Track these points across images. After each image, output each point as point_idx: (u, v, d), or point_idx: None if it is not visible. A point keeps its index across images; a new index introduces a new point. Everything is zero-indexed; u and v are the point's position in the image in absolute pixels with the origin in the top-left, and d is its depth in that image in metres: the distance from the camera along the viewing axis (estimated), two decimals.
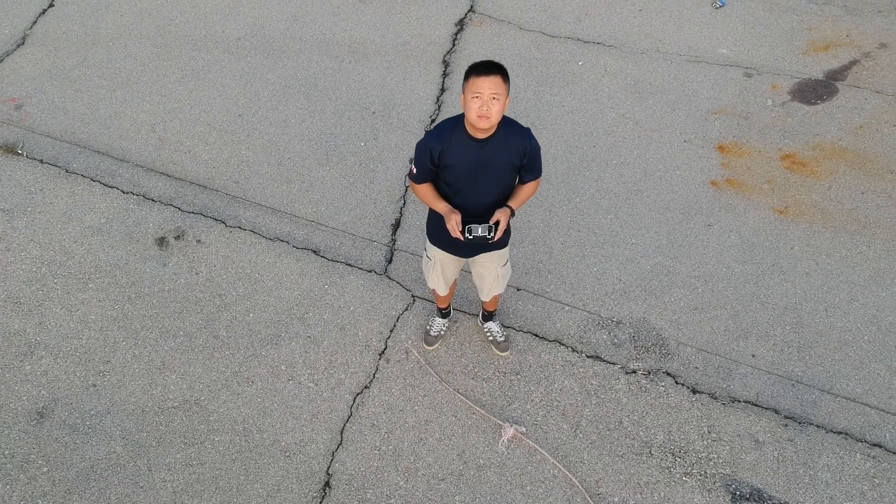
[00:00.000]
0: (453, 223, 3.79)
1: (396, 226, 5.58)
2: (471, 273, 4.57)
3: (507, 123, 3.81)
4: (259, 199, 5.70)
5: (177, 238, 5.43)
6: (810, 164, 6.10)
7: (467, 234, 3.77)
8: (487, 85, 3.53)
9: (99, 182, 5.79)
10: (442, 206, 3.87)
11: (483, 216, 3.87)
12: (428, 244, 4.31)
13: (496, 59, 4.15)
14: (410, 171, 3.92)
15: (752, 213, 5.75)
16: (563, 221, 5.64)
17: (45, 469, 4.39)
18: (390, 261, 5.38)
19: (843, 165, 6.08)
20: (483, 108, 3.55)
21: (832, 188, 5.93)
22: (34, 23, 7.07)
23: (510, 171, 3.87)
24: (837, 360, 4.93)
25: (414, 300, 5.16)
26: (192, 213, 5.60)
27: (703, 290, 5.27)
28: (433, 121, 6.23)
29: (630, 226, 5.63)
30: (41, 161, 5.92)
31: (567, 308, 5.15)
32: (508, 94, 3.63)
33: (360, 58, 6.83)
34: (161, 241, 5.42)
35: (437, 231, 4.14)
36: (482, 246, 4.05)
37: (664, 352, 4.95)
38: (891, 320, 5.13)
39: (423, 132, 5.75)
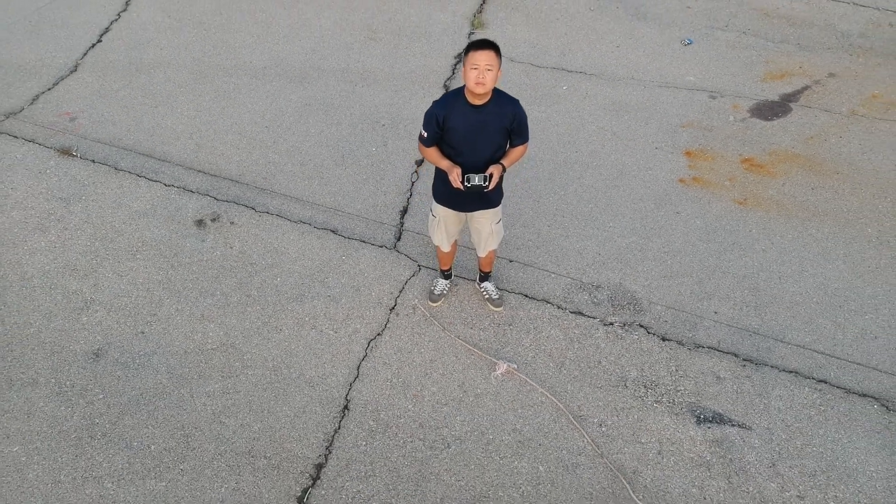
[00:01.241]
0: (454, 175, 4.61)
1: (404, 212, 6.40)
2: (469, 234, 5.36)
3: (499, 94, 4.67)
4: (284, 191, 6.54)
5: (213, 220, 6.24)
6: (767, 165, 6.97)
7: (466, 183, 4.59)
8: (483, 57, 4.40)
9: (144, 177, 6.63)
10: (445, 164, 4.70)
11: (480, 171, 4.68)
12: (434, 204, 5.11)
13: None
14: (420, 135, 4.76)
15: (716, 203, 6.58)
16: (550, 209, 6.46)
17: (100, 396, 5.07)
18: (399, 238, 6.18)
19: (796, 167, 6.95)
20: (479, 76, 4.42)
21: (786, 185, 6.78)
22: (85, 54, 8.05)
23: (502, 134, 4.70)
24: (789, 317, 5.67)
25: (420, 269, 5.93)
26: (226, 201, 6.43)
27: (671, 262, 6.06)
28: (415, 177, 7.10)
29: (608, 213, 6.45)
30: (93, 161, 6.78)
31: (553, 275, 5.92)
32: (500, 67, 4.49)
33: (371, 83, 7.78)
34: (199, 223, 6.23)
35: (441, 190, 4.96)
36: (479, 198, 4.86)
37: (637, 309, 5.70)
38: (836, 287, 5.89)
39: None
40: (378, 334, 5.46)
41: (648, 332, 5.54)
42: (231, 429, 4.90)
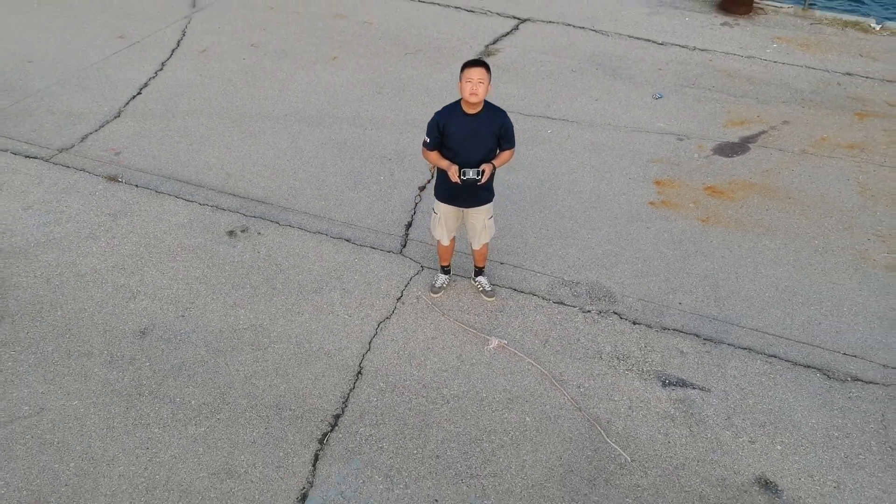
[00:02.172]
0: (453, 171, 5.59)
1: (409, 225, 7.34)
2: (466, 232, 6.29)
3: (489, 105, 5.69)
4: (304, 209, 7.49)
5: (242, 231, 7.17)
6: (727, 192, 7.96)
7: (462, 177, 5.56)
8: (475, 73, 5.44)
9: (181, 199, 7.60)
10: (445, 163, 5.68)
11: (475, 180, 5.65)
12: (435, 202, 6.06)
13: None
14: (424, 141, 5.75)
15: (681, 221, 7.54)
16: (536, 224, 7.41)
17: (147, 364, 5.89)
18: (404, 246, 7.10)
19: (753, 193, 7.94)
20: (473, 88, 5.44)
21: (743, 207, 7.75)
22: (126, 104, 9.15)
23: (493, 138, 5.70)
24: (745, 307, 6.54)
25: (422, 269, 6.83)
26: (254, 217, 7.37)
27: (642, 265, 6.96)
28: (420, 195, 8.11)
29: (586, 228, 7.40)
30: (136, 186, 7.77)
31: (538, 274, 6.81)
32: (490, 82, 5.53)
33: (378, 127, 8.85)
34: (230, 233, 7.16)
35: (442, 189, 5.93)
36: (473, 195, 5.81)
37: (612, 300, 6.57)
38: (785, 285, 6.78)
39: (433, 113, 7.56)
40: (387, 318, 6.31)
41: (621, 318, 6.39)
42: (261, 388, 5.70)
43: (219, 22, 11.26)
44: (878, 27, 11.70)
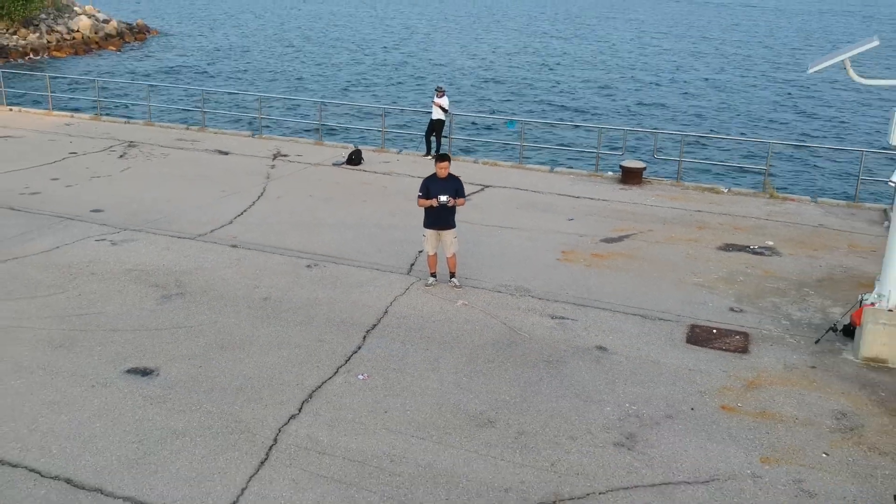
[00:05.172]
0: (433, 201, 10.98)
1: (413, 264, 12.51)
2: (442, 247, 11.50)
3: (451, 175, 11.21)
4: (348, 258, 12.68)
5: (315, 266, 12.32)
6: (605, 256, 13.21)
7: (438, 201, 10.93)
8: (444, 162, 11.06)
9: (276, 254, 12.80)
10: (429, 202, 11.08)
11: (445, 203, 11.01)
12: (424, 230, 11.36)
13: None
14: (419, 194, 11.19)
15: (574, 266, 12.71)
16: (491, 267, 12.58)
17: (271, 311, 10.82)
18: (409, 272, 12.22)
19: (621, 256, 13.20)
20: (442, 170, 11.02)
21: (615, 261, 12.97)
22: (233, 219, 14.61)
23: (452, 191, 11.14)
24: (604, 295, 11.55)
25: (419, 279, 11.91)
26: (321, 261, 12.54)
27: (547, 281, 12.05)
28: (420, 252, 13.42)
29: (516, 269, 12.54)
30: (248, 249, 13.02)
31: (487, 280, 11.89)
32: (450, 163, 11.10)
33: (392, 228, 14.25)
34: (308, 266, 12.30)
35: (427, 221, 11.27)
36: (445, 216, 11.14)
37: (528, 291, 11.60)
38: (630, 291, 11.84)
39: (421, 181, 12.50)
40: (400, 295, 11.31)
41: (532, 296, 11.40)
42: (338, 317, 10.58)
43: (285, 185, 17.06)
44: (725, 190, 17.56)
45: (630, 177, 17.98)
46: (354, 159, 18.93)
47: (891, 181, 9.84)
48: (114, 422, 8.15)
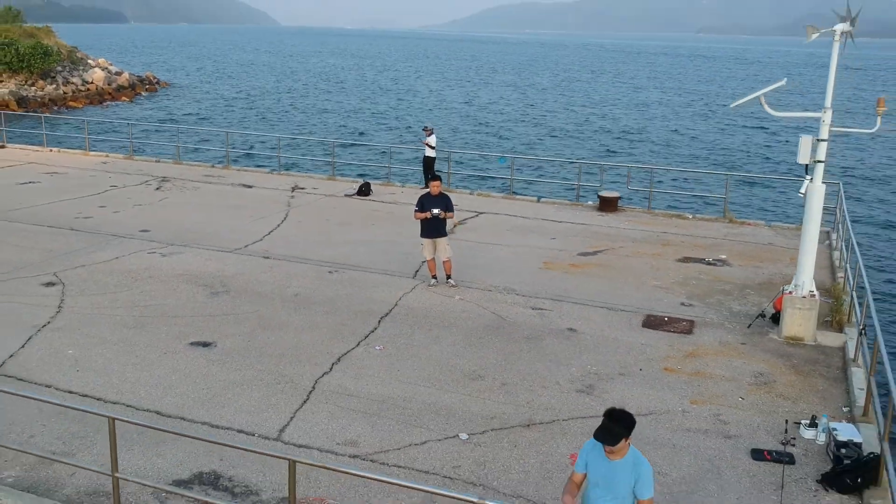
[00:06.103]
0: (427, 214, 13.43)
1: (417, 271, 14.87)
2: (437, 255, 13.89)
3: (442, 193, 13.69)
4: (362, 266, 15.05)
5: (336, 272, 14.69)
6: (581, 266, 15.58)
7: (432, 213, 13.37)
8: (437, 183, 13.56)
9: (303, 263, 15.17)
10: (424, 215, 13.53)
11: (437, 215, 13.45)
12: (421, 238, 13.78)
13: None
14: (415, 209, 13.65)
15: (557, 271, 15.08)
16: (477, 273, 14.95)
17: (300, 301, 13.15)
18: (414, 277, 14.59)
19: (595, 266, 15.57)
20: (436, 188, 13.55)
21: (588, 270, 15.38)
22: (262, 237, 17.00)
23: (444, 205, 13.60)
24: (577, 295, 13.91)
25: (423, 281, 14.26)
26: (341, 269, 14.91)
27: (536, 287, 14.39)
28: (423, 263, 15.79)
29: (505, 275, 14.90)
30: (279, 259, 15.38)
31: (478, 283, 14.25)
32: (441, 182, 13.59)
33: (398, 245, 16.61)
34: (330, 272, 14.67)
35: (423, 231, 13.70)
36: (438, 226, 13.55)
37: (514, 290, 13.95)
38: (600, 290, 14.19)
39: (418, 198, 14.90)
40: (407, 292, 13.66)
41: (517, 294, 13.75)
42: (355, 308, 12.92)
43: (305, 212, 19.50)
44: (691, 216, 20.03)
45: (607, 205, 20.43)
46: (364, 191, 21.42)
47: (801, 192, 12.17)
48: (186, 376, 10.42)
